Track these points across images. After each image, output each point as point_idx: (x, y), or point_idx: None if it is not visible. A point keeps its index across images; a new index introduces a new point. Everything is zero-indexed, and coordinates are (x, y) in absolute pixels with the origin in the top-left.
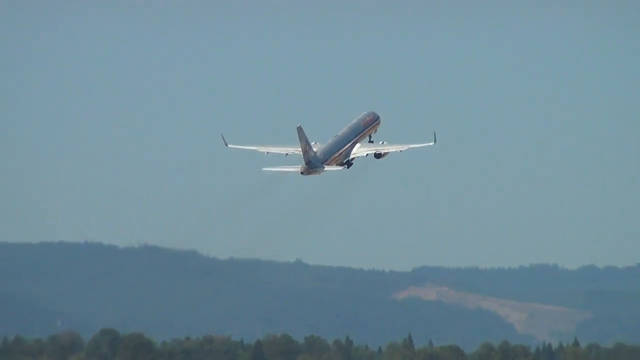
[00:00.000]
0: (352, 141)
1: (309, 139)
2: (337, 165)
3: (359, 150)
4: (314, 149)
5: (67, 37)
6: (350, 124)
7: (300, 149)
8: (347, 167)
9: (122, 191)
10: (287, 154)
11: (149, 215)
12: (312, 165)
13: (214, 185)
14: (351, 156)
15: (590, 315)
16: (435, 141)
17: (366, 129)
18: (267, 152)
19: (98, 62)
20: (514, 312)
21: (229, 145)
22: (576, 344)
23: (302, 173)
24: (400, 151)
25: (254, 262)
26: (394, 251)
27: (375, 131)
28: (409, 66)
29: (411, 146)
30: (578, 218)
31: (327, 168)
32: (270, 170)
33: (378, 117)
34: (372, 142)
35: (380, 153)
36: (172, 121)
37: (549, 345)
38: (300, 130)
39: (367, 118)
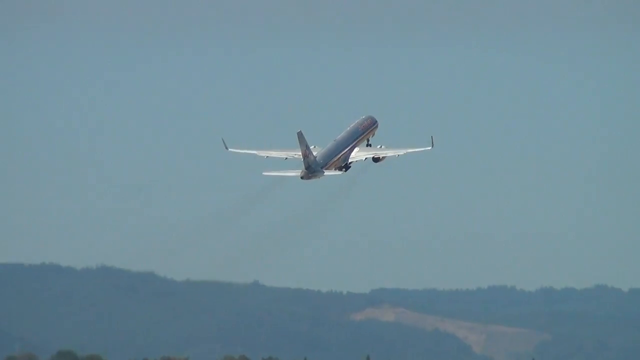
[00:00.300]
0: (351, 145)
1: (308, 143)
2: (336, 169)
3: (358, 155)
4: (313, 153)
5: (55, 33)
6: (348, 128)
7: (300, 154)
8: (345, 171)
9: (81, 211)
10: (286, 158)
11: (107, 236)
12: (312, 169)
13: (184, 204)
14: (350, 160)
15: (548, 337)
16: (432, 146)
17: (364, 133)
18: (267, 157)
19: (84, 62)
20: (472, 334)
21: (229, 149)
22: None
23: (302, 177)
24: (398, 155)
25: (212, 283)
26: (352, 272)
27: (373, 135)
28: (406, 70)
29: (409, 150)
30: (536, 240)
31: (326, 173)
32: (270, 175)
33: (376, 121)
34: (370, 145)
35: (379, 157)
36: (148, 130)
37: None
38: (300, 135)
39: (365, 122)
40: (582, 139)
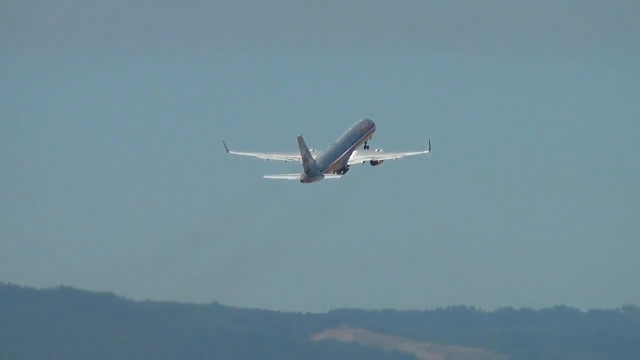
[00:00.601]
0: (349, 149)
1: (307, 146)
2: (334, 172)
3: (356, 158)
4: (313, 156)
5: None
6: (346, 132)
7: (300, 157)
8: (343, 173)
9: (40, 230)
10: (286, 161)
11: (66, 256)
12: (312, 173)
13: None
14: (348, 163)
15: (507, 357)
16: (430, 149)
17: (362, 136)
18: (267, 159)
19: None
20: (431, 354)
21: (231, 152)
22: None
23: (302, 181)
24: (396, 159)
25: (171, 304)
26: (311, 292)
27: (371, 138)
28: (403, 73)
29: (406, 154)
30: (494, 260)
31: (326, 176)
32: (271, 178)
33: (373, 124)
34: (368, 147)
35: (377, 161)
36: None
37: None
38: (300, 139)
39: (363, 125)
40: (558, 154)
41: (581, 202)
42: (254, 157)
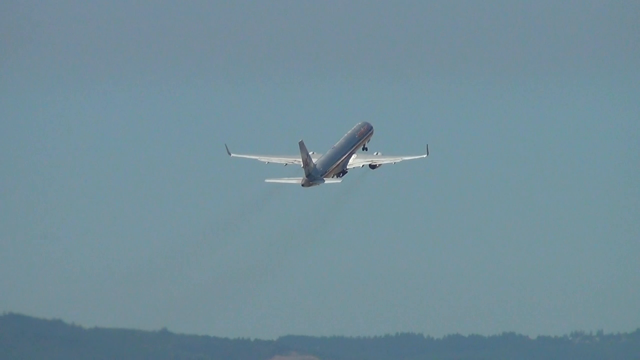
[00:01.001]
0: (349, 152)
1: (307, 151)
2: (335, 176)
3: (355, 161)
4: (313, 160)
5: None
6: (346, 135)
7: (301, 161)
8: (342, 176)
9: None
10: (286, 164)
11: (13, 282)
12: (312, 177)
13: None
14: (347, 167)
15: None
16: (427, 154)
17: (361, 139)
18: (268, 162)
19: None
20: None
21: (232, 155)
22: None
23: (302, 185)
24: (394, 163)
25: (120, 331)
26: (259, 319)
27: (369, 141)
28: (403, 76)
29: (405, 158)
30: (442, 287)
31: (326, 181)
32: (272, 182)
33: (372, 128)
34: (367, 149)
35: (375, 164)
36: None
37: None
38: (302, 144)
39: (362, 129)
40: (537, 173)
41: (529, 229)
42: (255, 159)
